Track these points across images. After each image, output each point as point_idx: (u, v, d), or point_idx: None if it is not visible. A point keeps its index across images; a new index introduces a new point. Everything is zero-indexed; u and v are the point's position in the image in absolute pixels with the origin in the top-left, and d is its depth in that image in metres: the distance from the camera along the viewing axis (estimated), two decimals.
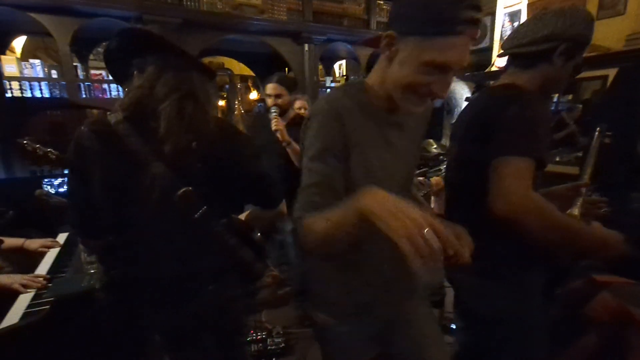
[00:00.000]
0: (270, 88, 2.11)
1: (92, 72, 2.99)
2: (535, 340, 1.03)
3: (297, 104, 2.89)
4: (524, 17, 3.17)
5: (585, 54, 1.02)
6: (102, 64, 3.49)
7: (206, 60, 6.02)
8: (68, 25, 2.64)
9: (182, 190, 0.88)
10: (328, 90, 3.92)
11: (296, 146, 2.24)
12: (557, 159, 3.02)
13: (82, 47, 3.23)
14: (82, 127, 0.90)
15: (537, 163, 0.85)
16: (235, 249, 1.00)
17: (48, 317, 1.22)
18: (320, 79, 3.98)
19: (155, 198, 0.86)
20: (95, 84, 2.87)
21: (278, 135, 2.06)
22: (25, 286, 1.30)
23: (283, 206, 1.12)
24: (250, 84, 7.19)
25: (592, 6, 2.74)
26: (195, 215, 0.91)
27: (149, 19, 2.78)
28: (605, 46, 2.56)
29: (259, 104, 7.07)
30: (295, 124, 2.07)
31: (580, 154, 2.74)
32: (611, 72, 2.58)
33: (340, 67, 5.69)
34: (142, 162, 0.87)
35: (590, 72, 2.77)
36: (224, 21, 3.08)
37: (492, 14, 3.74)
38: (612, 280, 1.27)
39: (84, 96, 2.85)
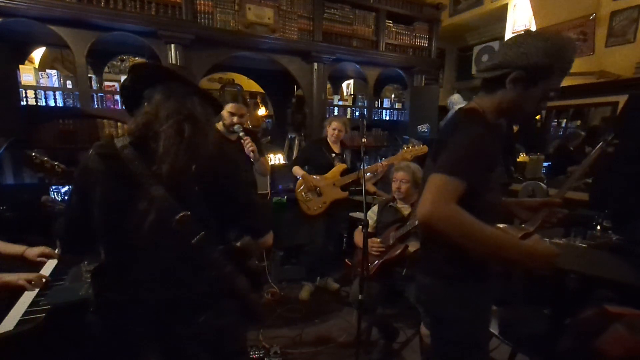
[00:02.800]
0: (235, 108, 2.25)
1: (106, 83, 3.05)
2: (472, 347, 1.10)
3: (334, 124, 2.94)
4: None
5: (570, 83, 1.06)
6: (116, 76, 3.61)
7: (217, 76, 6.17)
8: (85, 38, 2.73)
9: (180, 215, 0.89)
10: (336, 108, 3.96)
11: (264, 160, 2.38)
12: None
13: (97, 59, 3.34)
14: (91, 150, 0.95)
15: (471, 187, 0.95)
16: (231, 276, 0.98)
17: (43, 326, 1.21)
18: (329, 97, 4.03)
19: (153, 221, 0.87)
20: (108, 95, 2.93)
21: (251, 155, 2.18)
22: (31, 282, 1.29)
23: (270, 237, 1.11)
24: (259, 100, 7.32)
25: (601, 34, 2.77)
26: (193, 241, 0.90)
27: (163, 34, 2.86)
28: (615, 73, 2.56)
29: (267, 120, 7.18)
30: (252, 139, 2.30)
31: (589, 180, 2.71)
32: (621, 99, 2.57)
33: (348, 86, 5.77)
34: (143, 185, 0.89)
35: (599, 98, 2.77)
36: (236, 39, 3.15)
37: (502, 38, 3.79)
38: (626, 312, 1.21)
39: (96, 106, 2.91)
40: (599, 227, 1.92)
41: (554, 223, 1.21)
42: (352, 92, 5.14)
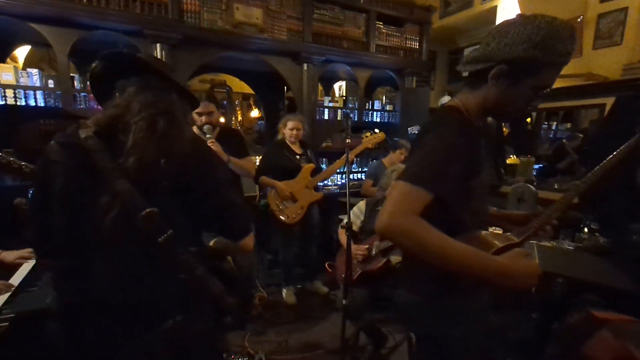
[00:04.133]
0: (201, 107, 2.09)
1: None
2: None
3: (290, 124, 2.89)
4: None
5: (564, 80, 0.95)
6: None
7: (208, 77, 6.11)
8: (68, 37, 2.66)
9: (146, 211, 0.83)
10: (326, 110, 3.93)
11: (236, 160, 2.27)
12: (556, 186, 2.98)
13: (82, 58, 3.26)
14: (52, 141, 0.88)
15: (445, 198, 0.87)
16: (203, 279, 0.92)
17: (5, 336, 1.14)
18: (319, 98, 3.99)
19: (116, 217, 0.81)
20: (91, 95, 2.86)
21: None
22: None
23: (250, 240, 1.06)
24: (252, 102, 7.26)
25: (588, 36, 2.77)
26: (160, 239, 0.85)
27: (149, 33, 2.81)
28: (602, 75, 2.56)
29: (259, 122, 7.12)
30: (224, 138, 2.21)
31: (577, 182, 2.70)
32: (608, 101, 2.57)
33: (340, 88, 5.75)
34: (107, 178, 0.83)
35: (588, 100, 2.77)
36: (223, 39, 3.10)
37: None
38: (612, 318, 1.18)
39: (80, 106, 2.84)
40: (586, 230, 1.91)
41: (546, 234, 1.11)
42: (344, 94, 5.11)
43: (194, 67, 3.12)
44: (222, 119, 2.42)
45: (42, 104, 2.72)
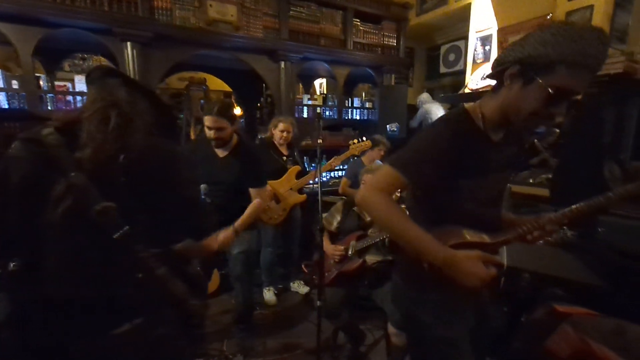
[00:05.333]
0: (211, 121, 1.87)
1: (58, 83, 2.87)
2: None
3: (281, 126, 2.86)
4: (494, 41, 3.25)
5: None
6: (68, 75, 3.37)
7: (187, 75, 5.98)
8: (31, 35, 2.54)
9: (101, 205, 0.82)
10: (305, 108, 3.90)
11: (242, 221, 1.97)
12: (531, 180, 3.04)
13: (49, 57, 3.13)
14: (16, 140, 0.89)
15: (414, 184, 0.98)
16: (164, 280, 0.90)
17: None
18: (298, 96, 3.96)
19: (69, 209, 0.80)
20: (59, 96, 2.76)
21: None
22: None
23: (213, 241, 1.04)
24: (233, 100, 7.15)
25: None
26: (115, 236, 0.83)
27: (118, 31, 2.72)
28: None
29: (241, 120, 7.02)
30: (237, 158, 1.98)
31: (550, 176, 2.77)
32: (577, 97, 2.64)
33: (320, 85, 5.72)
34: (64, 172, 0.82)
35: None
36: (197, 36, 3.03)
37: (465, 38, 3.84)
38: (573, 311, 1.22)
39: (48, 108, 2.73)
40: None
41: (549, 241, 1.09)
42: (324, 92, 5.09)
43: (167, 66, 3.04)
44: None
45: (6, 106, 2.60)
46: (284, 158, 2.91)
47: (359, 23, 3.82)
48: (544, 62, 0.81)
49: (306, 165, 3.64)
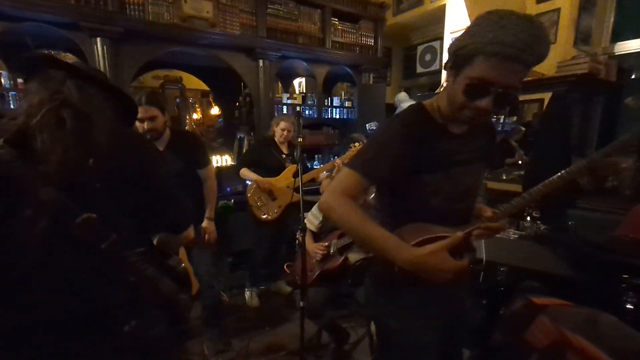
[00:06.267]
0: (141, 111, 1.73)
1: (20, 80, 2.70)
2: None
3: (282, 124, 2.83)
4: None
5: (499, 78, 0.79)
6: None
7: (162, 73, 5.80)
8: None
9: (82, 218, 0.74)
10: (284, 107, 3.87)
11: (208, 205, 2.10)
12: (504, 177, 3.15)
13: (10, 53, 2.94)
14: None
15: (374, 183, 0.97)
16: (154, 279, 0.87)
17: None
18: (278, 95, 3.92)
19: (45, 229, 0.71)
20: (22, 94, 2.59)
21: None
22: None
23: (191, 231, 1.02)
24: (211, 99, 6.99)
25: None
26: (102, 246, 0.77)
27: (87, 26, 2.59)
28: (540, 72, 2.73)
29: (219, 120, 6.88)
30: (177, 145, 1.95)
31: (522, 172, 2.88)
32: (546, 96, 2.75)
33: (300, 84, 5.69)
34: (28, 189, 0.73)
35: (529, 95, 2.96)
36: (171, 33, 2.94)
37: (441, 39, 3.92)
38: (549, 303, 1.27)
39: (10, 107, 2.56)
40: (529, 218, 2.03)
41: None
42: (304, 91, 5.07)
43: (140, 63, 2.92)
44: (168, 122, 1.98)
45: None
46: (283, 156, 2.92)
47: (337, 22, 3.83)
48: (466, 53, 0.80)
49: (308, 165, 3.63)
